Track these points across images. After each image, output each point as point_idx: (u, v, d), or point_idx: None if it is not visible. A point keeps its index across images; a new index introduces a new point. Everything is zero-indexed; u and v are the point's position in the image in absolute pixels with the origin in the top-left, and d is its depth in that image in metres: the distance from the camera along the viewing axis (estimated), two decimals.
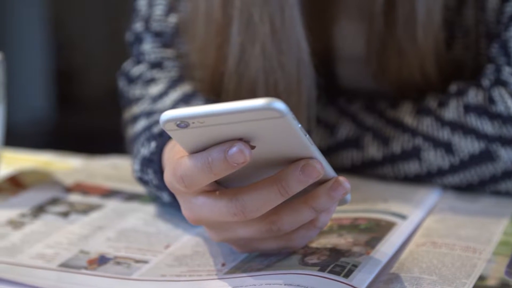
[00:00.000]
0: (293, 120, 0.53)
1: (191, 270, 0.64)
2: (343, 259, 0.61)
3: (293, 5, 0.77)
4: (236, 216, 0.58)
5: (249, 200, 0.57)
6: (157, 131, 0.74)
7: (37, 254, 0.67)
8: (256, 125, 0.54)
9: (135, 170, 0.76)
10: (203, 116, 0.53)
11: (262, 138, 0.55)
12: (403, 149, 0.80)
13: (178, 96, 0.82)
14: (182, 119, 0.53)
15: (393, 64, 0.82)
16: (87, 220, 0.75)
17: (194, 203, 0.59)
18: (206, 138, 0.55)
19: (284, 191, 0.57)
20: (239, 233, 0.61)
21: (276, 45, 0.76)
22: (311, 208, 0.59)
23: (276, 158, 0.57)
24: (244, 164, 0.55)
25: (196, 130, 0.54)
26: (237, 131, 0.54)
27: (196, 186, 0.57)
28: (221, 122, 0.53)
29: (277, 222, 0.59)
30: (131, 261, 0.66)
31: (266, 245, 0.63)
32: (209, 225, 0.62)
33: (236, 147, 0.54)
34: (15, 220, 0.74)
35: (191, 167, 0.56)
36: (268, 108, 0.52)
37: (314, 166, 0.56)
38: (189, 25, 0.82)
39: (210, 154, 0.55)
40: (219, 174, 0.56)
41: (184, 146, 0.57)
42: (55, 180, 0.85)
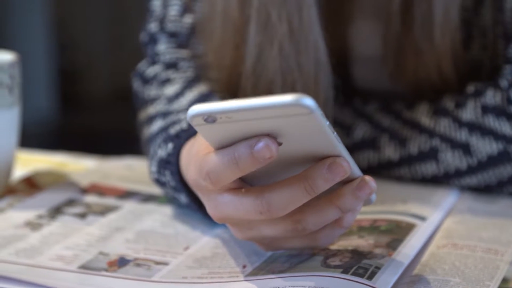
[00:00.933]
0: (321, 117, 0.53)
1: (212, 272, 0.63)
2: (366, 261, 0.61)
3: (310, 5, 0.76)
4: (262, 214, 0.57)
5: (275, 198, 0.57)
6: (174, 132, 0.74)
7: (56, 256, 0.67)
8: (283, 121, 0.53)
9: (152, 171, 0.76)
10: (230, 111, 0.52)
11: (289, 134, 0.55)
12: (420, 150, 0.80)
13: (194, 96, 0.81)
14: (209, 113, 0.53)
15: (410, 65, 0.81)
16: (105, 221, 0.74)
17: (219, 200, 0.59)
18: (233, 134, 0.55)
19: (311, 190, 0.56)
20: (264, 232, 0.60)
21: (294, 45, 0.76)
22: (336, 208, 0.58)
23: (302, 156, 0.57)
24: (270, 160, 0.55)
25: (223, 125, 0.54)
26: (264, 127, 0.54)
27: (222, 183, 0.57)
28: (248, 117, 0.53)
29: (302, 221, 0.59)
30: (151, 262, 0.66)
31: (290, 244, 0.62)
32: (233, 223, 0.61)
33: (263, 142, 0.54)
34: (32, 221, 0.74)
35: (217, 163, 0.56)
36: (296, 104, 0.51)
37: (341, 164, 0.56)
38: (206, 25, 0.82)
39: (237, 149, 0.55)
40: (245, 169, 0.55)
41: (211, 141, 0.56)
42: (71, 181, 0.85)
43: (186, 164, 0.68)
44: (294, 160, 0.57)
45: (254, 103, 0.52)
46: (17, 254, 0.67)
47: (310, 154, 0.57)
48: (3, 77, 0.78)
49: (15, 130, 0.81)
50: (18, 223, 0.73)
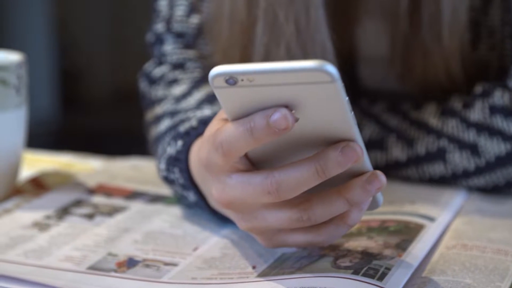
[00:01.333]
0: (342, 89, 0.53)
1: (221, 273, 0.63)
2: (376, 262, 0.61)
3: (318, 5, 0.76)
4: (270, 195, 0.57)
5: (285, 178, 0.56)
6: (183, 129, 0.74)
7: (65, 257, 0.67)
8: (303, 90, 0.53)
9: (161, 169, 0.76)
10: (253, 73, 0.52)
11: (306, 108, 0.54)
12: (427, 150, 0.80)
13: (202, 96, 0.81)
14: (232, 74, 0.53)
15: (418, 65, 0.81)
16: (113, 222, 0.74)
17: (228, 182, 0.59)
18: (250, 102, 0.55)
19: (322, 172, 0.56)
20: (269, 220, 0.60)
21: (301, 45, 0.76)
22: (344, 199, 0.58)
23: (315, 137, 0.57)
24: (286, 131, 0.54)
25: (243, 90, 0.54)
26: (283, 96, 0.54)
27: (235, 153, 0.57)
28: (269, 82, 0.53)
29: (308, 210, 0.58)
30: (160, 263, 0.65)
31: (293, 239, 0.62)
32: (239, 210, 0.61)
33: (279, 112, 0.54)
34: (40, 222, 0.74)
35: (231, 132, 0.56)
36: (320, 70, 0.51)
37: (355, 148, 0.56)
38: (213, 26, 0.81)
39: (253, 119, 0.55)
40: (259, 140, 0.55)
41: (228, 109, 0.56)
42: (77, 182, 0.85)
43: (198, 152, 0.67)
44: (306, 142, 0.57)
45: (277, 66, 0.52)
46: (25, 255, 0.67)
47: (324, 135, 0.56)
48: (11, 77, 0.78)
49: (22, 130, 0.81)
50: (25, 223, 0.73)
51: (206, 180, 0.66)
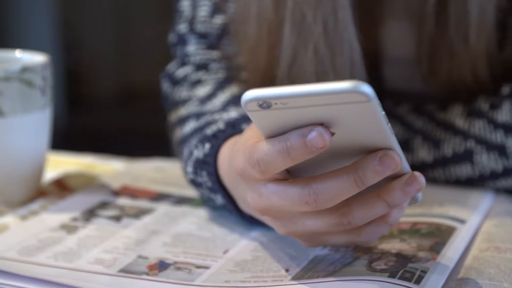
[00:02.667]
0: (378, 106, 0.52)
1: (254, 276, 0.63)
2: (411, 265, 0.61)
3: (345, 6, 0.76)
4: (308, 205, 0.56)
5: (323, 188, 0.56)
6: (211, 132, 0.73)
7: (95, 259, 0.66)
8: (339, 109, 0.52)
9: (188, 172, 0.75)
10: (287, 97, 0.52)
11: (342, 124, 0.54)
12: (454, 152, 0.79)
13: (226, 98, 0.81)
14: (265, 99, 0.52)
15: (444, 66, 0.81)
16: (140, 224, 0.74)
17: (264, 191, 0.58)
18: (285, 122, 0.54)
19: (360, 182, 0.55)
20: (307, 226, 0.59)
21: (329, 46, 0.75)
22: (384, 202, 0.58)
23: (352, 147, 0.56)
24: (323, 150, 0.54)
25: (277, 112, 0.53)
26: (318, 116, 0.53)
27: (271, 172, 0.56)
28: (304, 104, 0.52)
29: (348, 215, 0.58)
30: (192, 266, 0.65)
31: (333, 239, 0.61)
32: (276, 216, 0.61)
33: (316, 131, 0.53)
34: (67, 224, 0.73)
35: (268, 151, 0.55)
36: (355, 91, 0.51)
37: (393, 157, 0.55)
38: (239, 27, 0.81)
39: (289, 138, 0.54)
40: (297, 159, 0.55)
41: (262, 129, 0.56)
42: (101, 184, 0.84)
43: (229, 158, 0.67)
44: (343, 152, 0.57)
45: (311, 89, 0.51)
46: (55, 258, 0.66)
47: (361, 146, 0.56)
48: (36, 78, 0.78)
49: (47, 132, 0.81)
50: (53, 226, 0.73)
51: (238, 185, 0.66)
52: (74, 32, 3.53)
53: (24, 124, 0.77)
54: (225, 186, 0.71)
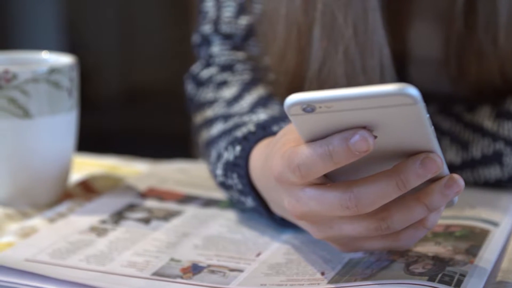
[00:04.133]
0: (423, 109, 0.52)
1: (290, 279, 0.62)
2: (449, 268, 0.60)
3: (375, 8, 0.75)
4: (348, 210, 0.56)
5: (364, 193, 0.55)
6: (241, 134, 0.73)
7: (128, 262, 0.66)
8: (383, 112, 0.52)
9: (218, 174, 0.75)
10: (333, 100, 0.51)
11: (385, 127, 0.53)
12: (483, 153, 0.79)
13: (254, 99, 0.80)
14: (310, 102, 0.52)
15: (473, 67, 0.80)
16: (169, 226, 0.73)
17: (302, 195, 0.58)
18: (327, 126, 0.54)
19: (402, 185, 0.55)
20: (345, 230, 0.59)
21: (360, 48, 0.75)
22: (423, 206, 0.57)
23: (393, 150, 0.56)
24: (366, 153, 0.53)
25: (320, 116, 0.53)
26: (361, 119, 0.53)
27: (312, 176, 0.56)
28: (348, 107, 0.52)
29: (387, 219, 0.57)
30: (226, 269, 0.64)
31: (370, 244, 0.61)
32: (313, 221, 0.60)
33: (359, 135, 0.53)
34: (97, 226, 0.73)
35: (310, 156, 0.55)
36: (401, 94, 0.50)
37: (435, 160, 0.55)
38: (268, 29, 0.80)
39: (331, 142, 0.54)
40: (339, 163, 0.54)
41: (303, 133, 0.55)
42: (127, 185, 0.84)
43: (263, 160, 0.66)
44: (383, 155, 0.56)
45: (357, 92, 0.51)
46: (87, 260, 0.66)
47: (402, 149, 0.56)
48: (63, 80, 0.77)
49: (74, 134, 0.80)
50: (82, 228, 0.72)
51: (273, 189, 0.65)
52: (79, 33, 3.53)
53: (51, 126, 0.77)
54: (256, 188, 0.71)
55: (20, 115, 0.75)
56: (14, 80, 0.74)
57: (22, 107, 0.75)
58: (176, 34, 3.41)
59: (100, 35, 3.55)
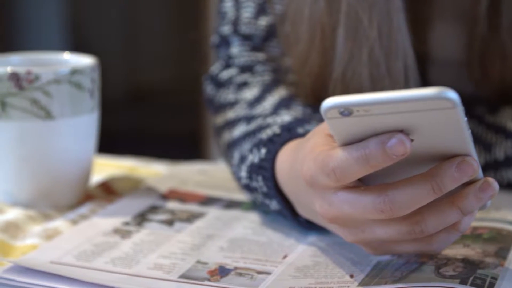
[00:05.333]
0: (462, 112, 0.51)
1: (319, 282, 0.62)
2: (480, 271, 0.60)
3: (399, 9, 0.75)
4: (383, 213, 0.55)
5: (399, 196, 0.55)
6: (266, 137, 0.72)
7: (154, 265, 0.65)
8: (420, 116, 0.52)
9: (242, 177, 0.74)
10: (371, 104, 0.51)
11: (421, 130, 0.53)
12: (506, 155, 0.78)
13: (276, 100, 0.80)
14: (347, 106, 0.51)
15: (496, 68, 0.80)
16: (193, 228, 0.73)
17: (334, 199, 0.57)
18: (363, 129, 0.53)
19: (438, 189, 0.55)
20: (377, 234, 0.59)
21: (384, 50, 0.75)
22: (457, 209, 0.57)
23: (428, 154, 0.55)
24: (403, 157, 0.53)
25: (357, 119, 0.52)
26: (398, 122, 0.53)
27: (347, 179, 0.55)
28: (386, 111, 0.51)
29: (420, 223, 0.57)
30: (253, 272, 0.64)
31: (402, 248, 0.61)
32: (345, 224, 0.60)
33: (396, 139, 0.53)
34: (120, 228, 0.72)
35: (345, 159, 0.54)
36: (441, 98, 0.50)
37: (471, 163, 0.55)
38: (291, 30, 0.80)
39: (367, 145, 0.53)
40: (375, 166, 0.54)
41: (338, 136, 0.55)
42: (148, 187, 0.83)
43: (290, 163, 0.66)
44: (418, 159, 0.56)
45: (396, 96, 0.50)
46: (113, 263, 0.66)
47: (437, 152, 0.55)
48: (85, 81, 0.77)
49: (95, 135, 0.80)
50: (106, 230, 0.72)
51: (302, 192, 0.64)
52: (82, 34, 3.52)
53: (73, 127, 0.77)
54: (282, 191, 0.70)
55: (42, 117, 0.75)
56: (36, 81, 0.74)
57: (44, 108, 0.75)
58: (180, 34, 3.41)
59: (104, 35, 3.55)
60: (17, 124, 0.75)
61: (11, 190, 0.78)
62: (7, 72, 0.74)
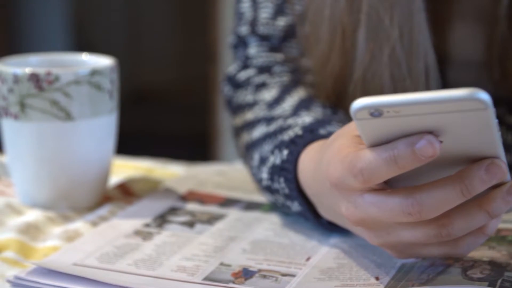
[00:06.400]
0: (493, 114, 0.51)
1: (344, 284, 0.62)
2: (508, 274, 0.59)
3: (420, 9, 0.74)
4: (411, 216, 0.55)
5: (427, 199, 0.54)
6: (288, 138, 0.72)
7: (177, 267, 0.65)
8: (451, 117, 0.51)
9: (263, 178, 0.74)
10: (402, 105, 0.50)
11: (451, 132, 0.53)
12: None
13: (295, 102, 0.79)
14: (378, 107, 0.51)
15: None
16: (214, 230, 0.73)
17: (359, 202, 0.57)
18: (392, 130, 0.53)
19: (467, 191, 0.54)
20: (403, 237, 0.58)
21: (405, 50, 0.74)
22: (485, 212, 0.56)
23: (456, 156, 0.55)
24: (431, 158, 0.53)
25: (386, 121, 0.52)
26: (427, 124, 0.52)
27: (375, 181, 0.55)
28: (416, 112, 0.51)
29: (448, 226, 0.57)
30: (277, 274, 0.64)
31: (428, 251, 0.60)
32: (370, 227, 0.59)
33: (426, 140, 0.52)
34: (141, 230, 0.72)
35: (373, 160, 0.54)
36: (473, 99, 0.49)
37: (500, 166, 0.54)
38: (311, 31, 0.79)
39: (396, 146, 0.53)
40: (404, 168, 0.53)
41: (367, 137, 0.54)
42: (166, 188, 0.83)
43: (315, 164, 0.65)
44: (446, 161, 0.55)
45: (427, 97, 0.50)
46: (136, 265, 0.65)
47: (465, 154, 0.55)
48: (105, 81, 0.76)
49: (113, 136, 0.80)
50: (127, 232, 0.72)
51: (327, 194, 0.64)
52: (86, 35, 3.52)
53: (93, 128, 0.76)
54: (304, 193, 0.70)
55: (62, 118, 0.74)
56: (56, 82, 0.74)
57: (64, 109, 0.74)
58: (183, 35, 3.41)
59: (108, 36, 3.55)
60: (37, 125, 0.74)
61: (30, 191, 0.77)
62: (26, 73, 0.74)
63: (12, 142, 0.76)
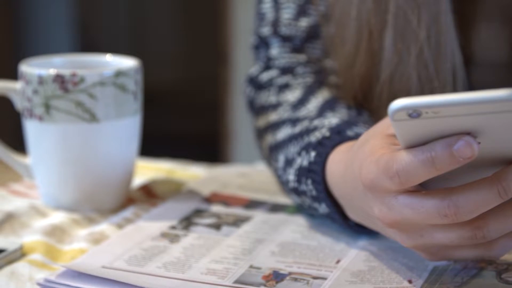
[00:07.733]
0: None
1: (377, 287, 0.61)
2: None
3: (447, 10, 0.74)
4: (446, 218, 0.54)
5: (464, 200, 0.54)
6: (315, 140, 0.71)
7: (207, 270, 0.64)
8: (490, 118, 0.51)
9: (290, 180, 0.74)
10: (441, 106, 0.50)
11: (489, 133, 0.52)
12: None
13: (320, 103, 0.79)
14: (417, 108, 0.50)
15: None
16: (241, 232, 0.72)
17: (394, 204, 0.56)
18: (429, 132, 0.53)
19: (504, 193, 0.54)
20: (437, 239, 0.58)
21: (433, 51, 0.74)
22: None
23: (493, 157, 0.55)
24: (469, 160, 0.52)
25: (424, 122, 0.51)
26: (466, 125, 0.52)
27: (412, 183, 0.55)
28: (455, 113, 0.50)
29: (483, 228, 0.56)
30: (309, 277, 0.63)
31: (460, 253, 0.60)
32: (404, 229, 0.59)
33: (464, 141, 0.52)
34: (168, 232, 0.72)
35: (410, 162, 0.53)
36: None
37: None
38: (337, 32, 0.79)
39: (433, 148, 0.53)
40: (442, 169, 0.53)
41: (403, 139, 0.54)
42: (189, 190, 0.82)
43: (345, 165, 0.65)
44: (482, 162, 0.55)
45: (467, 97, 0.49)
46: (165, 267, 0.65)
47: (502, 156, 0.54)
48: (129, 83, 0.76)
49: (137, 138, 0.79)
50: (154, 234, 0.71)
51: (358, 195, 0.63)
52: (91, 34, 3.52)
53: (117, 130, 0.76)
54: (333, 195, 0.69)
55: (87, 119, 0.74)
56: (81, 83, 0.73)
57: (89, 110, 0.74)
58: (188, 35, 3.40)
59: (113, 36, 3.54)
60: (61, 126, 0.74)
61: (54, 193, 0.77)
62: (51, 74, 0.73)
63: (37, 143, 0.76)
